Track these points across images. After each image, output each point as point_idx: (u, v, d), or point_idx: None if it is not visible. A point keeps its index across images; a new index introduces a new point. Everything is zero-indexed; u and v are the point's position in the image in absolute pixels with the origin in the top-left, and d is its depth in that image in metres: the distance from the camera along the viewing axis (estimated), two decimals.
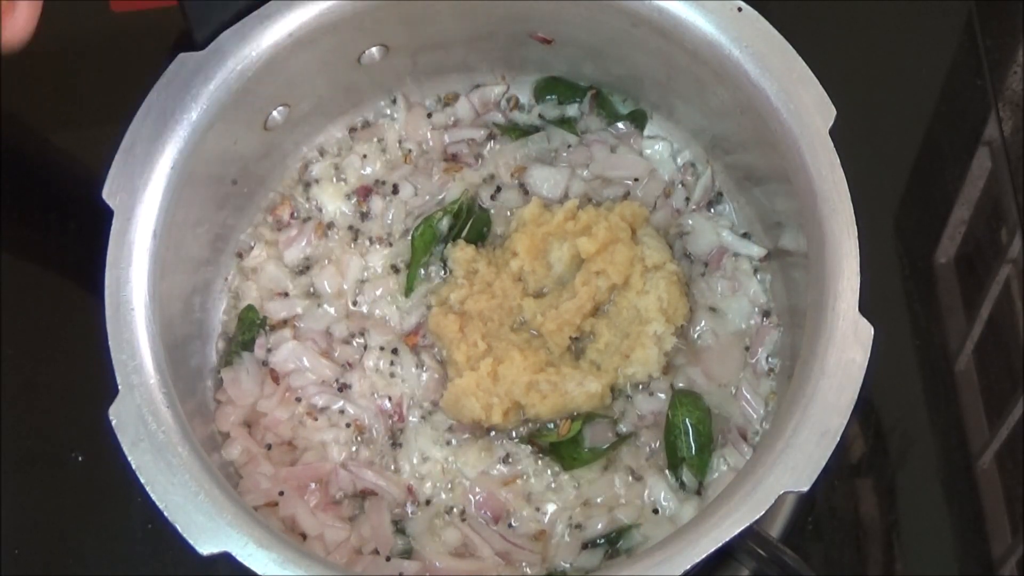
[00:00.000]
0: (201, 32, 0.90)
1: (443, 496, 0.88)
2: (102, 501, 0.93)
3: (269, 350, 0.92)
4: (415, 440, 0.89)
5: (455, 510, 0.87)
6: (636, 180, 0.97)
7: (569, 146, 0.98)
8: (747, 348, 0.91)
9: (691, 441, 0.87)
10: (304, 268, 0.96)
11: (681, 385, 0.90)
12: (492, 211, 0.97)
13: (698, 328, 0.92)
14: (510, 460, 0.89)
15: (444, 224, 0.95)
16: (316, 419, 0.90)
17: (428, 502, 0.88)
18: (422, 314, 0.93)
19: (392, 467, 0.89)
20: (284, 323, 0.94)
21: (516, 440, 0.89)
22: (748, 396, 0.89)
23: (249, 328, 0.93)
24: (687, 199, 0.96)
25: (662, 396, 0.89)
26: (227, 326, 0.94)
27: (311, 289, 0.95)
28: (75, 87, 1.10)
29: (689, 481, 0.86)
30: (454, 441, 0.89)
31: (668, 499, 0.86)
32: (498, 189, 0.97)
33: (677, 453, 0.87)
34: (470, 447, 0.89)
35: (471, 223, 0.95)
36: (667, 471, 0.87)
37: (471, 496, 0.87)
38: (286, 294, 0.95)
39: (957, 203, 1.03)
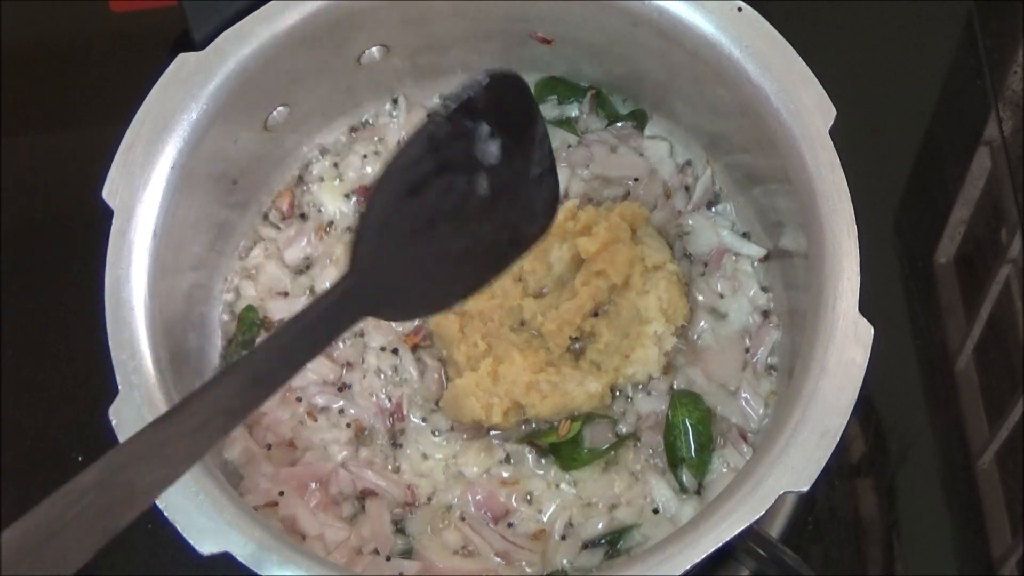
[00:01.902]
0: (201, 32, 0.90)
1: (443, 496, 0.88)
2: None
3: None
4: (416, 440, 0.89)
5: (455, 510, 0.87)
6: (636, 180, 0.97)
7: (569, 146, 0.98)
8: (747, 348, 0.91)
9: (691, 441, 0.87)
10: (304, 268, 0.96)
11: (681, 385, 0.90)
12: None
13: (698, 328, 0.91)
14: (510, 460, 0.88)
15: None
16: (316, 419, 0.90)
17: (428, 502, 0.88)
18: None
19: (392, 467, 0.89)
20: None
21: (516, 440, 0.89)
22: (748, 396, 0.89)
23: (249, 328, 0.93)
24: (687, 199, 0.96)
25: (662, 396, 0.89)
26: (227, 326, 0.94)
27: (311, 289, 0.95)
28: (75, 87, 1.10)
29: (689, 481, 0.86)
30: (454, 441, 0.89)
31: (668, 499, 0.86)
32: None
33: (677, 453, 0.87)
34: (470, 447, 0.89)
35: None
36: (667, 471, 0.87)
37: (471, 496, 0.87)
38: (286, 294, 0.95)
39: (957, 203, 1.03)
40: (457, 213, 0.65)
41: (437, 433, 0.89)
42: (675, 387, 0.90)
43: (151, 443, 0.53)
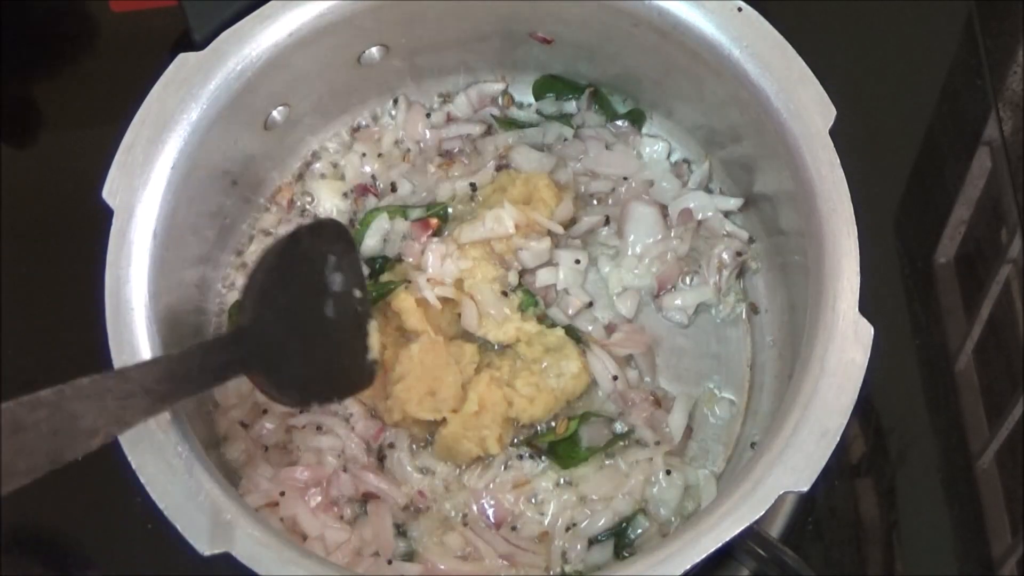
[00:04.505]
0: (201, 32, 0.90)
1: (445, 500, 0.87)
2: (102, 501, 0.92)
3: None
4: (408, 460, 0.88)
5: (457, 514, 0.87)
6: (626, 179, 0.97)
7: (565, 139, 0.98)
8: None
9: None
10: None
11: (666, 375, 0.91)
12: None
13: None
14: (510, 466, 0.88)
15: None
16: (303, 427, 0.89)
17: (430, 506, 0.87)
18: None
19: (393, 473, 0.89)
20: None
21: (515, 445, 0.89)
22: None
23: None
24: (679, 188, 0.96)
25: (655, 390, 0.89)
26: (223, 324, 0.94)
27: None
28: (75, 87, 1.10)
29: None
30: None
31: (668, 495, 0.86)
32: (472, 188, 0.96)
33: None
34: (471, 466, 0.88)
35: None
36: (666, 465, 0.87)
37: (473, 500, 0.87)
38: None
39: (957, 203, 1.03)
40: (315, 319, 0.79)
41: (432, 459, 0.89)
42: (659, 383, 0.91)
43: (93, 389, 0.63)
